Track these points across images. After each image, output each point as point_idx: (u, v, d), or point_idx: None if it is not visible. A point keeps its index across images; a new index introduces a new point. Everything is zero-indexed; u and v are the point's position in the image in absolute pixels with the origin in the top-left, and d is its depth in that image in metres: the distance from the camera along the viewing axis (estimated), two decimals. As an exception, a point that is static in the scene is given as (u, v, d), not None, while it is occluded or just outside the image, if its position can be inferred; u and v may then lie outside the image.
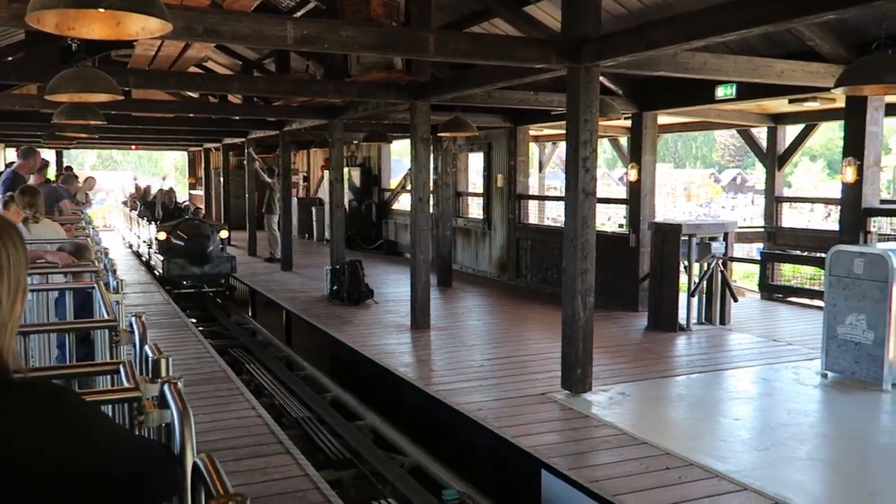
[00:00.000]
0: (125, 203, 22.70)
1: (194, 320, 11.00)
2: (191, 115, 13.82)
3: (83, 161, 48.21)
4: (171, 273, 13.05)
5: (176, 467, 1.65)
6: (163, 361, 2.08)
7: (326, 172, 19.08)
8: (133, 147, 25.61)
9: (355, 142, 17.76)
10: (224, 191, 21.02)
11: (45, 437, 1.26)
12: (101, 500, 1.28)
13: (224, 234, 14.49)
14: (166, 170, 50.92)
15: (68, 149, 21.23)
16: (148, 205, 18.65)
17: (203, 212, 15.82)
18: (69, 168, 17.04)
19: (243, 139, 17.55)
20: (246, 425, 5.60)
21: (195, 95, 14.73)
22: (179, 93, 15.05)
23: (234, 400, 6.24)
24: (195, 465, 1.43)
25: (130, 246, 18.92)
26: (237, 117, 14.50)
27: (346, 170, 14.82)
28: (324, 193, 20.01)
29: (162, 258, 13.38)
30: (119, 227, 23.44)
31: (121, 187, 27.55)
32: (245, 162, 18.31)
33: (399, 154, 25.64)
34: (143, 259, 16.04)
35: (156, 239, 14.16)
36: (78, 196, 12.28)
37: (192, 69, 11.38)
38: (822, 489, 4.69)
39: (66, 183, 11.25)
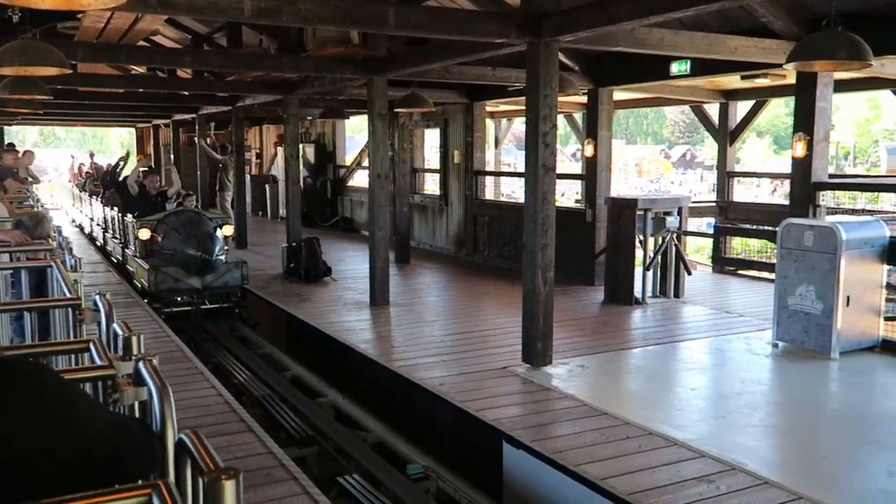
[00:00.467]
0: (82, 187, 18.88)
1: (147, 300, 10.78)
2: (140, 90, 13.47)
3: (24, 138, 46.70)
4: (162, 287, 9.37)
5: (155, 444, 1.64)
6: (134, 339, 2.05)
7: (280, 149, 18.83)
8: (78, 123, 24.88)
9: (310, 118, 17.54)
10: (174, 168, 20.59)
11: (34, 427, 1.24)
12: (86, 484, 1.26)
13: (228, 230, 10.58)
14: (111, 147, 49.48)
15: (10, 125, 20.53)
16: (119, 189, 13.71)
17: (194, 199, 11.70)
18: (11, 145, 16.49)
19: (194, 115, 17.19)
20: (207, 404, 5.54)
21: (143, 70, 14.35)
22: (126, 67, 14.66)
23: (194, 379, 6.16)
24: (180, 441, 1.42)
25: (79, 225, 18.33)
26: (188, 93, 14.19)
27: (300, 146, 14.62)
28: (277, 170, 19.77)
29: (147, 266, 9.57)
30: (66, 207, 22.76)
31: (77, 165, 23.06)
32: (196, 139, 17.93)
33: (353, 131, 25.42)
34: (115, 260, 12.36)
35: (136, 239, 10.38)
36: (20, 173, 11.90)
37: (141, 43, 11.10)
38: (775, 454, 4.84)
39: None
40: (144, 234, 10.07)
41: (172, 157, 20.80)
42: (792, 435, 5.17)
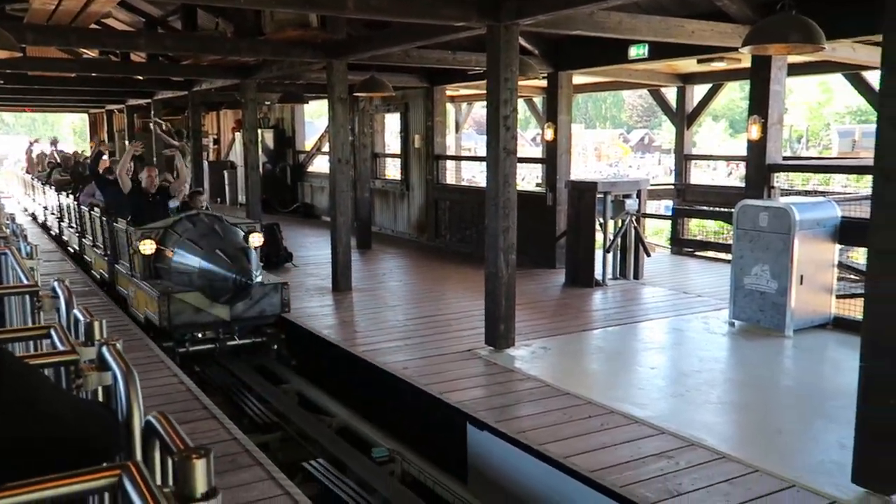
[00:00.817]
0: (46, 178, 16.02)
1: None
2: (92, 74, 13.16)
3: (-29, 125, 45.48)
4: (177, 321, 7.08)
5: (119, 427, 1.63)
6: (96, 323, 2.03)
7: (238, 135, 18.60)
8: (28, 109, 24.24)
9: (268, 103, 17.34)
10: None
11: (1, 412, 1.22)
12: (52, 468, 1.26)
13: (258, 239, 8.01)
14: (63, 133, 48.16)
15: (-44, 111, 19.87)
16: (101, 183, 10.13)
17: (205, 197, 9.20)
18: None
19: (149, 100, 16.88)
20: (168, 392, 5.50)
21: (95, 54, 14.02)
22: (77, 51, 14.30)
23: (155, 367, 6.10)
24: (148, 423, 1.41)
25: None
26: (142, 77, 13.90)
27: (259, 132, 14.44)
28: (235, 156, 19.52)
29: (155, 293, 7.19)
30: (16, 195, 22.12)
31: (35, 151, 21.11)
32: (151, 125, 17.60)
33: (312, 116, 25.19)
34: (98, 276, 9.83)
35: (134, 253, 7.87)
36: None
37: (93, 26, 10.84)
38: (732, 430, 4.97)
39: None
40: (148, 247, 7.68)
41: (127, 142, 20.26)
42: (748, 411, 5.30)
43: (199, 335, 7.39)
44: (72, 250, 12.01)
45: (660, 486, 3.96)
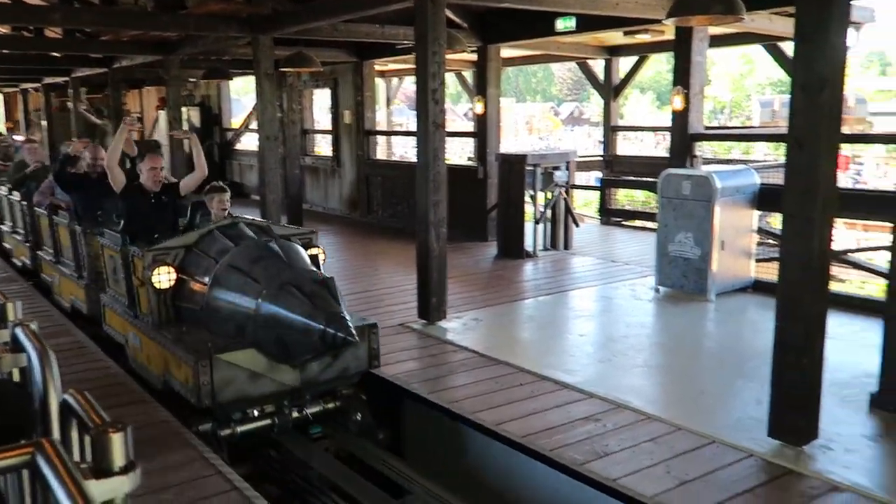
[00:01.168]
0: None
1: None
2: (4, 51, 12.58)
3: None
4: (226, 396, 4.59)
5: (32, 406, 1.61)
6: (9, 305, 1.98)
7: (162, 113, 18.08)
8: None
9: (193, 80, 16.89)
10: (48, 136, 19.43)
11: None
12: None
13: (320, 256, 6.01)
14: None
15: None
16: (68, 183, 7.28)
17: (228, 196, 6.35)
18: None
19: (66, 78, 16.25)
20: (96, 377, 5.39)
21: (7, 29, 13.39)
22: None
23: (81, 353, 5.96)
24: (64, 402, 1.40)
25: None
26: (58, 54, 13.36)
27: (184, 110, 14.06)
28: (159, 135, 18.99)
29: (192, 357, 4.54)
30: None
31: None
32: (70, 104, 16.96)
33: (238, 92, 24.70)
34: (71, 307, 7.32)
35: (141, 285, 5.33)
36: None
37: (3, 0, 10.37)
38: (657, 391, 5.14)
39: None
40: (165, 277, 5.16)
41: (45, 123, 19.53)
42: (673, 373, 5.49)
43: (255, 413, 4.88)
44: (19, 263, 9.35)
45: (588, 448, 4.08)
